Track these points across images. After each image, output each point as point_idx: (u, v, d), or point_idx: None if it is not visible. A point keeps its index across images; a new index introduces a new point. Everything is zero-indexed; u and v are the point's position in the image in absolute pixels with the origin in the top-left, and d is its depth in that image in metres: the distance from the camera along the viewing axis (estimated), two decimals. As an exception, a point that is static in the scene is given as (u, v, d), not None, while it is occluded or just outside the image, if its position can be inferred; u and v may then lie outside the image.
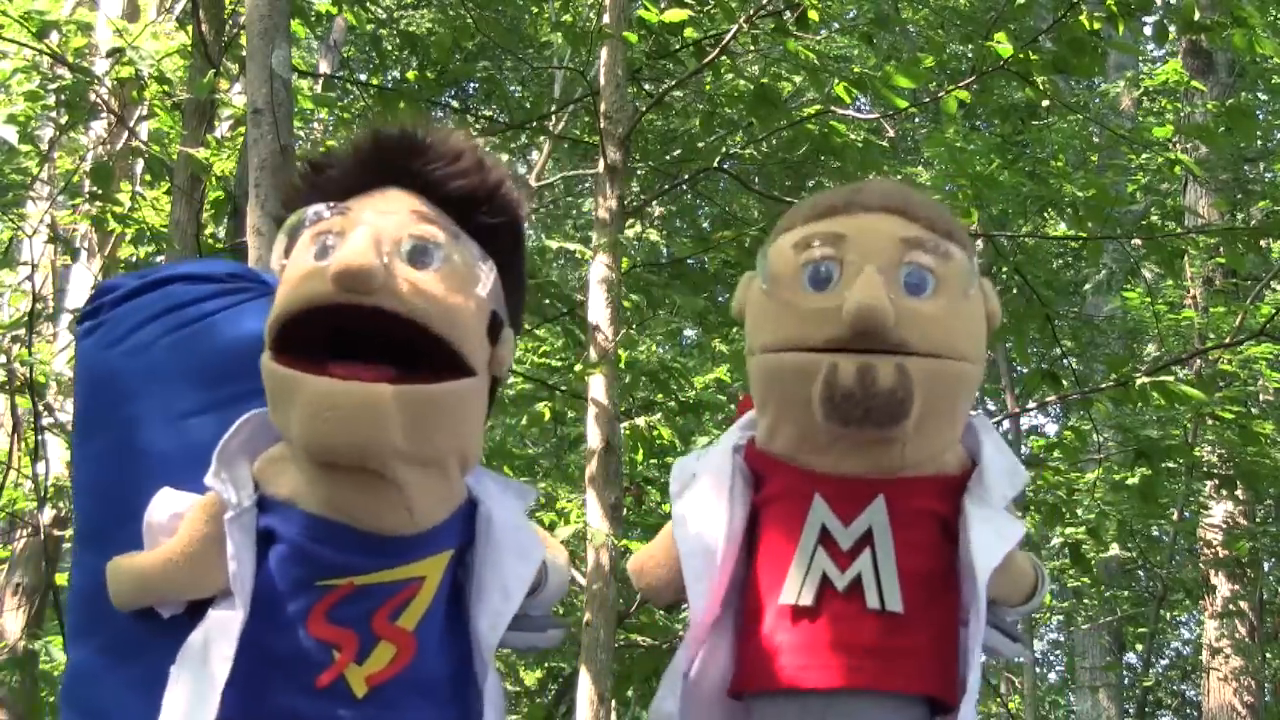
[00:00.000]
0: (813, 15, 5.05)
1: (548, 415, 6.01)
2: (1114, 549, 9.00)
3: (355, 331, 1.44)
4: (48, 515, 5.36)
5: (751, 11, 5.31)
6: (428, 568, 1.49)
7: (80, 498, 1.70)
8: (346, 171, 1.52)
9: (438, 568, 1.50)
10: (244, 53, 3.53)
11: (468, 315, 1.46)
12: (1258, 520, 9.18)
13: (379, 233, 1.42)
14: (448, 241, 1.47)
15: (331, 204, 1.48)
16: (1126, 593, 11.16)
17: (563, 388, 6.07)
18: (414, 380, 1.42)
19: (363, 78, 8.52)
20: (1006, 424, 9.32)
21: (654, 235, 8.81)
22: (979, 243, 5.57)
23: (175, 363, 1.64)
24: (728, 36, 5.29)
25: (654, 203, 7.72)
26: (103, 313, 1.73)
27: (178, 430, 1.60)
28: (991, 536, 1.56)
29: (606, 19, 5.36)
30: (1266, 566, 9.59)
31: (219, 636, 1.43)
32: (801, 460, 1.63)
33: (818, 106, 5.78)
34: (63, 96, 5.07)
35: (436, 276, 1.43)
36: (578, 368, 5.11)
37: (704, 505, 1.68)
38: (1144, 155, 8.12)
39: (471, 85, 9.21)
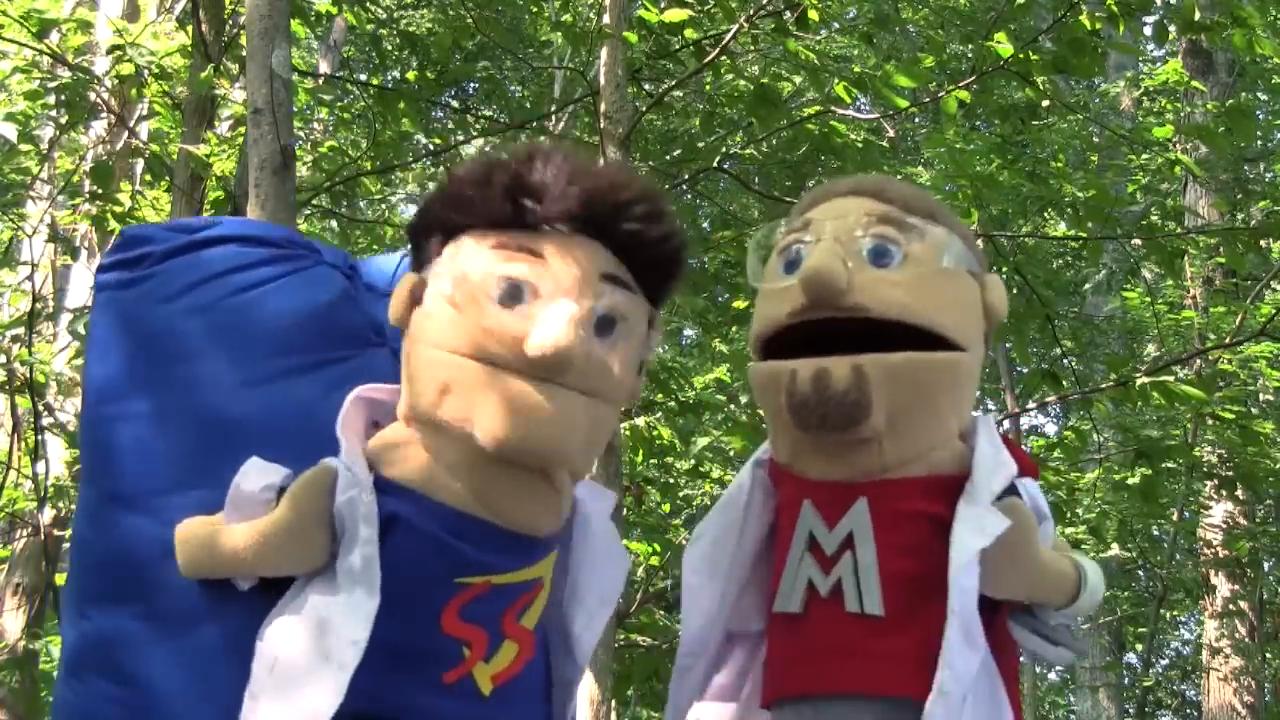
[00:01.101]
0: (813, 15, 5.05)
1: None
2: (1114, 549, 9.00)
3: None
4: (48, 515, 5.36)
5: (751, 11, 5.30)
6: (545, 568, 1.51)
7: (113, 456, 1.60)
8: (544, 210, 1.48)
9: (550, 568, 1.52)
10: (244, 53, 3.52)
11: (628, 379, 1.51)
12: (1258, 520, 9.18)
13: (579, 309, 1.42)
14: (629, 307, 1.49)
15: (525, 252, 1.46)
16: (1126, 593, 11.16)
17: (563, 388, 6.05)
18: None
19: (363, 78, 8.51)
20: (1007, 424, 9.32)
21: (654, 235, 8.78)
22: (979, 243, 5.56)
23: (236, 327, 1.60)
24: (728, 36, 5.28)
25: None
26: (147, 264, 1.65)
27: (237, 399, 1.56)
28: (969, 534, 1.52)
29: (606, 19, 5.36)
30: (1266, 566, 9.58)
31: (345, 621, 1.39)
32: (797, 468, 1.64)
33: (818, 106, 5.78)
34: (63, 96, 5.07)
35: (615, 352, 1.47)
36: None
37: (716, 520, 1.70)
38: (1144, 155, 8.12)
39: (471, 85, 9.21)
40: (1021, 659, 1.74)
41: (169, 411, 1.58)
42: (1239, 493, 7.96)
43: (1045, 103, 5.42)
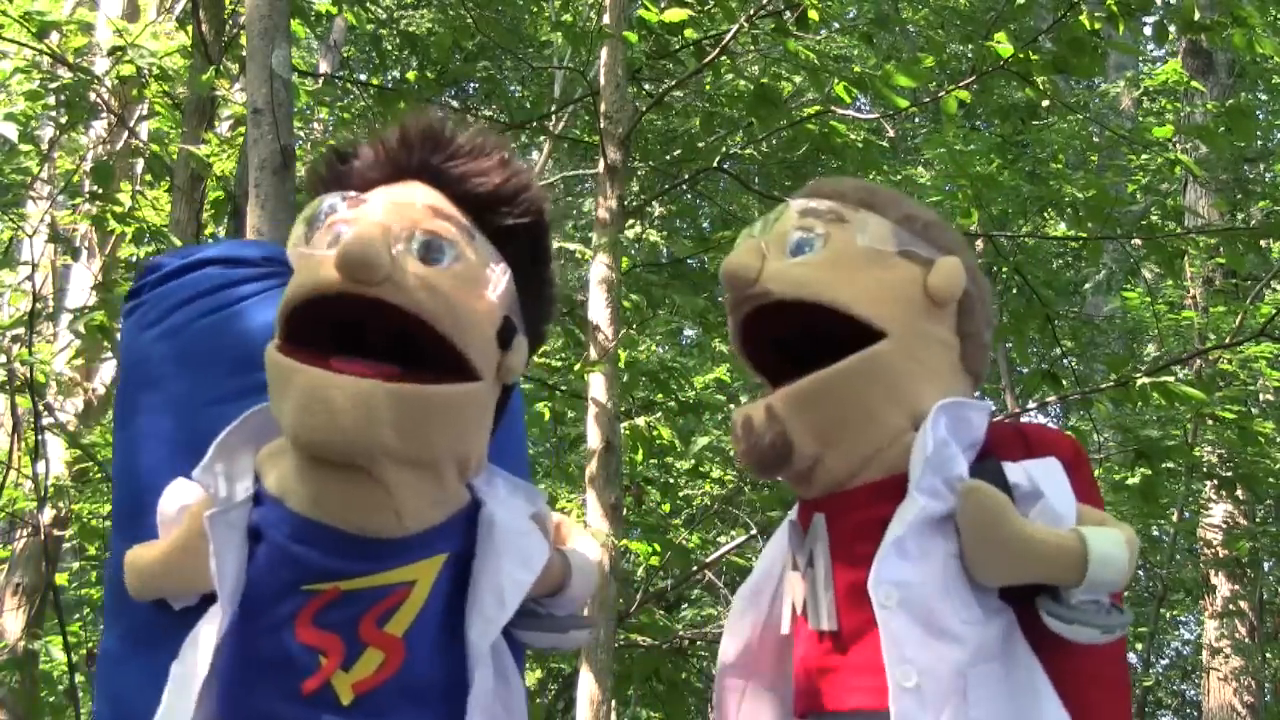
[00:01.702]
0: (813, 15, 5.05)
1: (548, 415, 6.01)
2: (1114, 549, 8.98)
3: (362, 326, 1.42)
4: (48, 515, 5.36)
5: (751, 11, 5.31)
6: (418, 571, 1.45)
7: (114, 483, 1.70)
8: (369, 163, 1.50)
9: (430, 571, 1.46)
10: (244, 53, 3.52)
11: (475, 316, 1.43)
12: (1258, 520, 9.18)
13: (390, 224, 1.39)
14: (461, 240, 1.43)
15: (348, 194, 1.46)
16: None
17: (563, 388, 6.07)
18: (415, 380, 1.39)
19: (363, 78, 8.51)
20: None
21: (654, 235, 8.81)
22: (978, 243, 5.57)
23: (206, 348, 1.62)
24: (728, 36, 5.28)
25: (654, 203, 7.71)
26: (144, 293, 1.71)
27: (205, 417, 1.57)
28: (893, 524, 1.48)
29: (606, 19, 5.37)
30: (1266, 566, 9.58)
31: (205, 635, 1.41)
32: (799, 493, 1.66)
33: (818, 106, 5.78)
34: (63, 96, 5.07)
35: (446, 274, 1.40)
36: (577, 367, 5.12)
37: (769, 548, 1.72)
38: (1144, 155, 8.12)
39: (471, 85, 9.22)
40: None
41: (141, 436, 1.63)
42: (1239, 493, 7.96)
43: (1045, 103, 5.42)
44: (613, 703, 5.16)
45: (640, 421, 5.44)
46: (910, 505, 1.48)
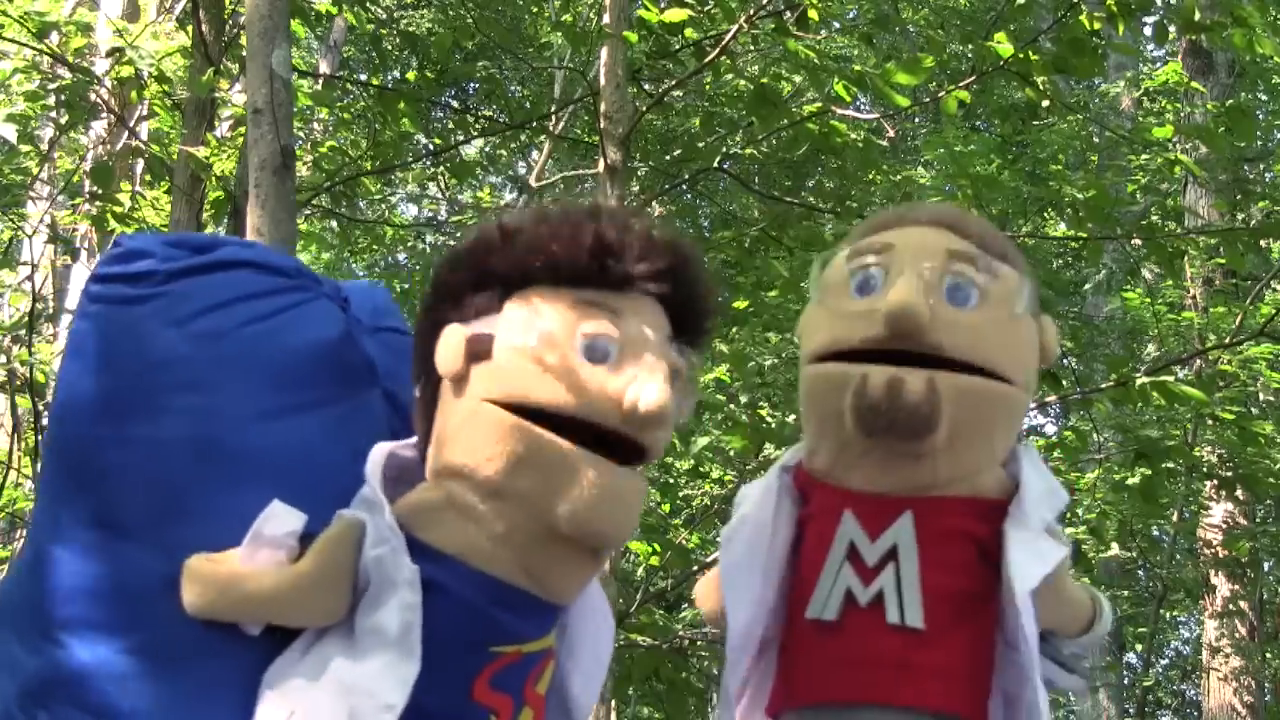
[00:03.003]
0: (813, 15, 5.06)
1: (548, 415, 5.99)
2: (1114, 549, 9.00)
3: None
4: (48, 515, 5.35)
5: (751, 11, 5.31)
6: (554, 634, 1.51)
7: (115, 482, 1.53)
8: (628, 269, 1.48)
9: (554, 633, 1.53)
10: (244, 53, 3.53)
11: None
12: (1258, 520, 9.19)
13: (665, 369, 1.44)
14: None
15: (606, 311, 1.46)
16: (1126, 593, 11.16)
17: (563, 388, 6.04)
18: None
19: (363, 78, 8.52)
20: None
21: (654, 235, 8.79)
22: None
23: (250, 357, 1.55)
24: (728, 36, 5.28)
25: (654, 203, 7.71)
26: (153, 282, 1.59)
27: (246, 432, 1.51)
28: (1028, 558, 1.54)
29: (606, 19, 5.36)
30: (1266, 566, 9.58)
31: (378, 684, 1.36)
32: (836, 477, 1.65)
33: (818, 106, 5.78)
34: (63, 96, 5.07)
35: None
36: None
37: (749, 523, 1.69)
38: (1144, 155, 8.12)
39: (471, 85, 9.22)
40: None
41: (172, 439, 1.52)
42: (1239, 493, 7.96)
43: (1045, 103, 5.41)
44: (613, 703, 5.16)
45: (640, 421, 5.43)
46: (1053, 548, 1.57)
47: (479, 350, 1.45)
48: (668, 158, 7.48)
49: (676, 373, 1.45)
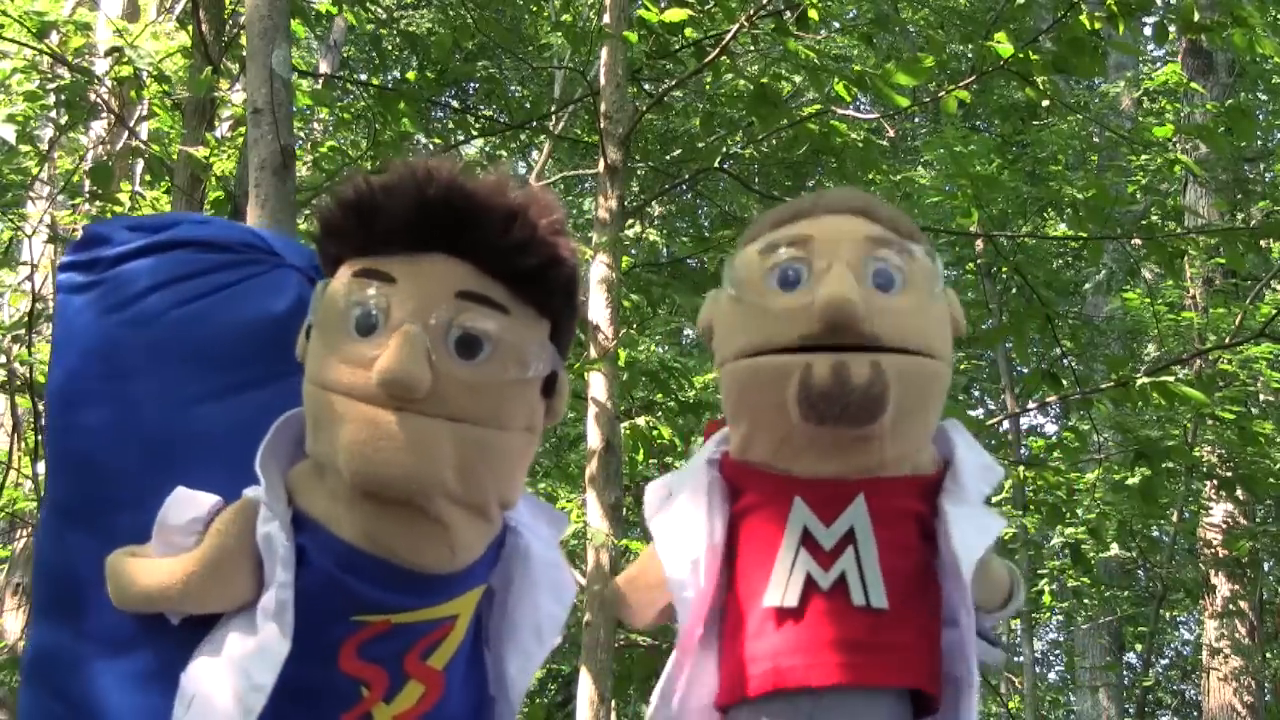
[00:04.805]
0: (813, 15, 5.06)
1: (548, 415, 5.99)
2: (1114, 549, 9.00)
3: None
4: (48, 515, 5.35)
5: (751, 11, 5.31)
6: (461, 605, 1.46)
7: (61, 467, 1.58)
8: (392, 228, 1.42)
9: (470, 605, 1.47)
10: (244, 53, 3.52)
11: (513, 402, 1.42)
12: (1258, 520, 9.18)
13: (425, 320, 1.37)
14: (497, 327, 1.40)
15: (376, 277, 1.41)
16: (1126, 593, 11.16)
17: (563, 388, 6.04)
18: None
19: (363, 78, 8.52)
20: (1007, 424, 9.32)
21: (654, 235, 8.82)
22: (978, 243, 5.58)
23: (182, 340, 1.55)
24: (728, 36, 5.28)
25: (654, 203, 7.72)
26: (99, 269, 1.60)
27: (183, 416, 1.52)
28: (972, 532, 1.57)
29: (606, 19, 5.37)
30: (1266, 566, 9.58)
31: (254, 663, 1.36)
32: (779, 466, 1.63)
33: (818, 106, 5.78)
34: (63, 96, 5.07)
35: (481, 371, 1.39)
36: (577, 367, 5.12)
37: (684, 520, 1.67)
38: (1144, 155, 8.12)
39: (471, 85, 9.22)
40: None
41: (106, 427, 1.53)
42: (1239, 493, 7.96)
43: (1045, 103, 5.41)
44: (613, 703, 5.16)
45: (640, 421, 5.44)
46: (994, 521, 1.61)
47: (306, 329, 1.47)
48: (668, 158, 7.48)
49: (472, 332, 1.38)
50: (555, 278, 1.46)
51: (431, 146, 7.27)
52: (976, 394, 13.40)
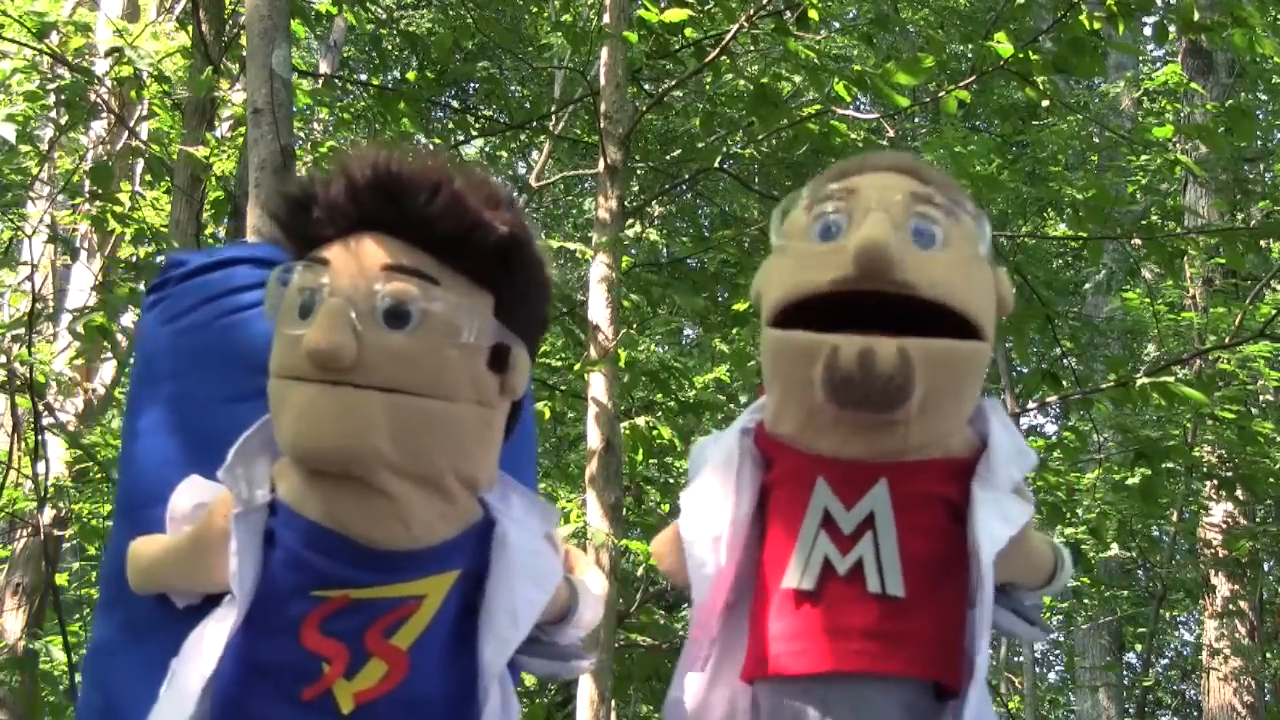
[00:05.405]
0: (813, 15, 5.06)
1: (548, 415, 6.02)
2: (1114, 549, 9.00)
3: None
4: (48, 515, 5.36)
5: (751, 11, 5.31)
6: (429, 586, 1.46)
7: (123, 469, 1.74)
8: (327, 216, 1.48)
9: (441, 587, 1.47)
10: (244, 53, 3.53)
11: (451, 371, 1.44)
12: (1258, 520, 9.19)
13: (351, 295, 1.40)
14: (423, 295, 1.43)
15: (314, 262, 1.46)
16: (1126, 593, 11.16)
17: (563, 387, 6.07)
18: None
19: (363, 78, 8.52)
20: (1006, 424, 9.31)
21: (654, 235, 8.82)
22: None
23: (225, 345, 1.67)
24: (728, 36, 5.29)
25: (654, 203, 7.72)
26: (168, 287, 1.75)
27: (217, 414, 1.61)
28: (996, 520, 1.53)
29: (606, 19, 5.37)
30: (1266, 566, 9.59)
31: (212, 634, 1.42)
32: (805, 443, 1.62)
33: (818, 106, 5.78)
34: (63, 96, 5.07)
35: (414, 340, 1.41)
36: (577, 367, 5.12)
37: (710, 490, 1.66)
38: (1144, 155, 8.12)
39: (471, 85, 9.21)
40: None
41: (158, 427, 1.67)
42: (1239, 493, 7.96)
43: (1045, 103, 5.41)
44: (613, 703, 5.16)
45: (640, 421, 5.44)
46: (1019, 509, 1.56)
47: None
48: (668, 158, 7.48)
49: (400, 303, 1.41)
50: (481, 243, 1.46)
51: (431, 146, 7.26)
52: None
